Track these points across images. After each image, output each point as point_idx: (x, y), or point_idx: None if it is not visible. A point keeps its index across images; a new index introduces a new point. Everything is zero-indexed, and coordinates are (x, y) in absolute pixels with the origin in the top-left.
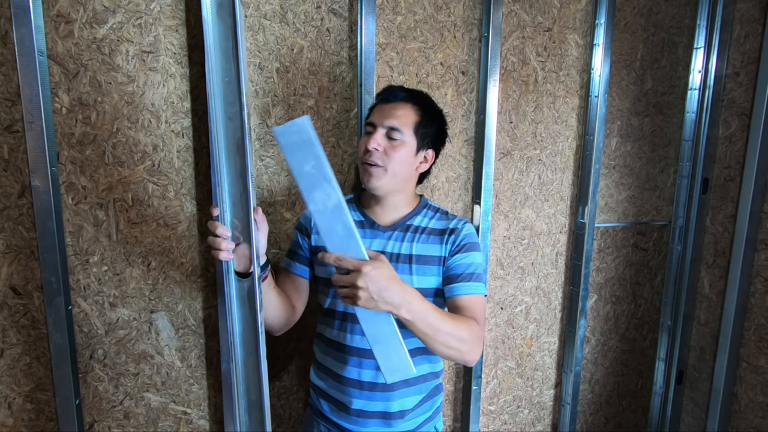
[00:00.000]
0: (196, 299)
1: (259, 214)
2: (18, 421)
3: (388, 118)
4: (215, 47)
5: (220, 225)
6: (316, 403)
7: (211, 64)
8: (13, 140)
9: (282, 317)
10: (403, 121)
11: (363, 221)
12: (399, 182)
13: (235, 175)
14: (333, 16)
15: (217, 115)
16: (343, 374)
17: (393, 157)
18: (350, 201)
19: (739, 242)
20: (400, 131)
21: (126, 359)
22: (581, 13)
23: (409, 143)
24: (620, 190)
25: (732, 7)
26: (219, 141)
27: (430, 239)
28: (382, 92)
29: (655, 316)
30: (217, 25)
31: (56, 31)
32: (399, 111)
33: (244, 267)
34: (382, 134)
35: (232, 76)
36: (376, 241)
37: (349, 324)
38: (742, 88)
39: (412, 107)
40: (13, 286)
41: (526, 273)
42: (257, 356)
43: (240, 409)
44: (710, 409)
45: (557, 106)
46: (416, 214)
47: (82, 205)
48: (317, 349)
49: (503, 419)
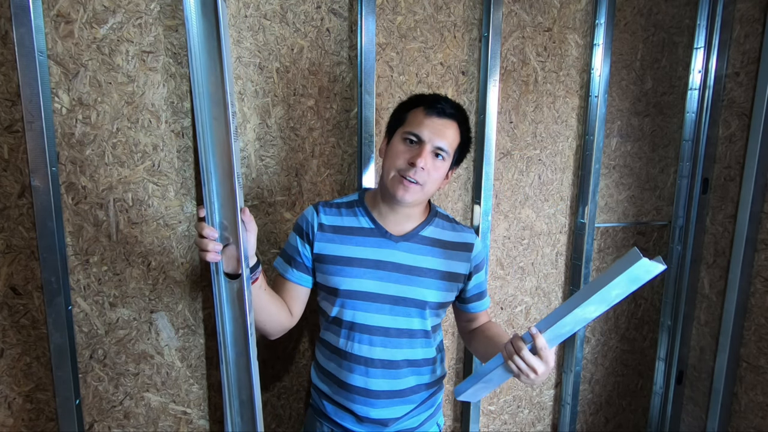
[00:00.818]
0: (196, 299)
1: (246, 214)
2: (18, 421)
3: (439, 138)
4: (200, 46)
5: (207, 226)
6: (319, 404)
7: (196, 64)
8: (13, 140)
9: (276, 321)
10: (450, 143)
11: (373, 229)
12: (426, 198)
13: (222, 175)
14: (333, 16)
15: (203, 115)
16: (348, 381)
17: (433, 176)
18: (354, 203)
19: (739, 242)
20: (447, 152)
21: (126, 359)
22: (581, 13)
23: (447, 164)
24: (620, 190)
25: (732, 7)
26: (206, 141)
27: (450, 254)
28: (432, 102)
29: (655, 316)
30: (201, 23)
31: (56, 31)
32: (449, 131)
33: (233, 268)
34: (430, 152)
35: (217, 75)
36: (386, 251)
37: (357, 334)
38: (742, 88)
39: (457, 127)
40: (13, 286)
41: (526, 273)
42: (247, 357)
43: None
44: (710, 409)
45: (557, 106)
46: (428, 224)
47: (82, 205)
48: (320, 354)
49: (503, 419)
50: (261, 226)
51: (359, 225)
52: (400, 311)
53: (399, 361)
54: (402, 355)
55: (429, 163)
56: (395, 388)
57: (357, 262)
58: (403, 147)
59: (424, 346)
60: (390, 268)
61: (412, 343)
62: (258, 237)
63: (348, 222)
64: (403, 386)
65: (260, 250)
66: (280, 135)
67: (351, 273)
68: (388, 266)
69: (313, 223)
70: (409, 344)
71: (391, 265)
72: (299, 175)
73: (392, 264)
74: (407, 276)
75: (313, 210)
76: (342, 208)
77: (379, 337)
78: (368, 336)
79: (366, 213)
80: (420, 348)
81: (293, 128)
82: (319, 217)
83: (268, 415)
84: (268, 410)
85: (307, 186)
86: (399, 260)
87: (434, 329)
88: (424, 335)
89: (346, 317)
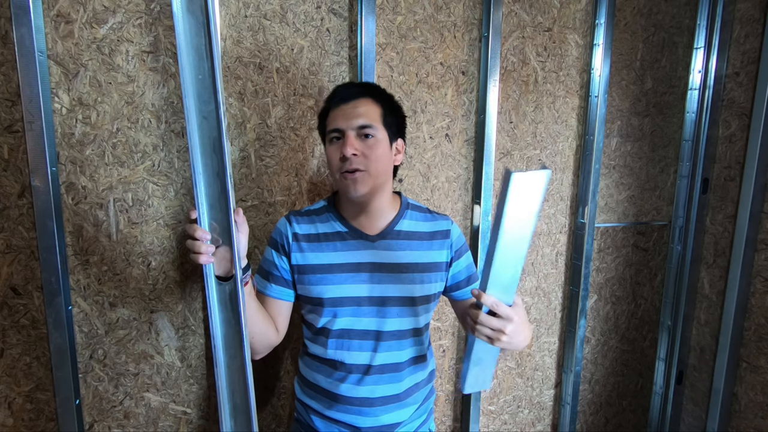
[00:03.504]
0: (196, 299)
1: (240, 215)
2: (18, 421)
3: (354, 118)
4: (186, 44)
5: (199, 228)
6: (306, 420)
7: (183, 62)
8: (13, 140)
9: (264, 335)
10: (370, 116)
11: (348, 232)
12: (382, 183)
13: (211, 175)
14: (333, 16)
15: (190, 114)
16: (339, 392)
17: (372, 157)
18: (324, 209)
19: (739, 242)
20: (372, 127)
21: (126, 359)
22: (581, 13)
23: (382, 138)
24: (620, 190)
25: (732, 7)
26: (193, 141)
27: (428, 245)
28: (334, 94)
29: (655, 316)
30: (187, 20)
31: (56, 31)
32: (362, 107)
33: (223, 270)
34: (354, 137)
35: (205, 73)
36: (365, 252)
37: (346, 341)
38: (742, 88)
39: (372, 100)
40: (13, 286)
41: (526, 273)
42: (242, 359)
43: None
44: (710, 409)
45: (557, 106)
46: (402, 217)
47: (82, 205)
48: (305, 367)
49: (503, 419)
50: (261, 226)
51: (333, 230)
52: (390, 312)
53: (392, 364)
54: (396, 358)
55: (359, 146)
56: (392, 392)
57: (337, 268)
58: (332, 147)
59: (416, 344)
60: (371, 269)
61: (402, 344)
62: (258, 237)
63: (322, 228)
64: (400, 389)
65: (260, 251)
66: (280, 135)
67: (333, 280)
68: (369, 267)
69: (287, 233)
70: (401, 345)
71: (373, 266)
72: (299, 175)
73: (373, 264)
74: (390, 275)
75: (285, 221)
76: (313, 215)
77: (370, 341)
78: (358, 341)
79: (338, 217)
80: (411, 347)
81: (293, 128)
82: (292, 227)
83: (268, 415)
84: (267, 410)
85: (307, 186)
86: (379, 259)
87: (426, 327)
88: (416, 333)
89: (335, 326)
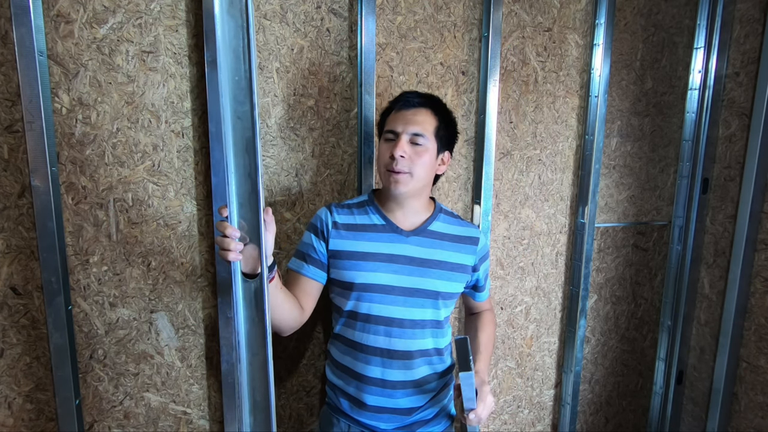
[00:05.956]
0: (196, 299)
1: (269, 214)
2: (18, 421)
3: (411, 125)
4: (225, 45)
5: (229, 225)
6: (335, 401)
7: (221, 62)
8: (13, 140)
9: (290, 318)
10: (425, 127)
11: (384, 225)
12: (422, 186)
13: (243, 175)
14: (333, 16)
15: (226, 114)
16: (364, 373)
17: (418, 162)
18: (366, 203)
19: (739, 242)
20: (424, 137)
21: (126, 359)
22: (581, 13)
23: (431, 148)
24: (620, 190)
25: (732, 7)
26: (227, 140)
27: (458, 247)
28: (399, 99)
29: (655, 316)
30: (227, 22)
31: (56, 31)
32: (420, 117)
33: (250, 268)
34: (406, 141)
35: (242, 75)
36: (398, 245)
37: (372, 326)
38: (742, 88)
39: (430, 112)
40: (13, 286)
41: (526, 273)
42: (265, 357)
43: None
44: (710, 409)
45: (557, 106)
46: (435, 219)
47: (82, 205)
48: (335, 350)
49: (503, 419)
50: None
51: (371, 222)
52: (414, 302)
53: (413, 352)
54: (416, 346)
55: (408, 151)
56: (410, 378)
57: (371, 257)
58: (385, 146)
59: (435, 336)
60: (403, 261)
61: (425, 333)
62: None
63: (360, 220)
64: (417, 376)
65: None
66: (280, 135)
67: (366, 267)
68: (400, 259)
69: (327, 221)
70: (422, 335)
71: (404, 258)
72: (299, 175)
73: (405, 257)
74: (419, 268)
75: (327, 210)
76: (353, 208)
77: (395, 328)
78: (384, 327)
79: (377, 211)
80: (432, 338)
81: (293, 128)
82: (333, 216)
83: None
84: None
85: (307, 186)
86: (411, 253)
87: (446, 320)
88: (436, 326)
89: (362, 310)
